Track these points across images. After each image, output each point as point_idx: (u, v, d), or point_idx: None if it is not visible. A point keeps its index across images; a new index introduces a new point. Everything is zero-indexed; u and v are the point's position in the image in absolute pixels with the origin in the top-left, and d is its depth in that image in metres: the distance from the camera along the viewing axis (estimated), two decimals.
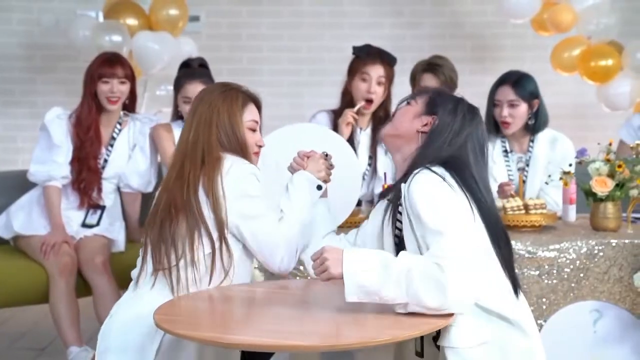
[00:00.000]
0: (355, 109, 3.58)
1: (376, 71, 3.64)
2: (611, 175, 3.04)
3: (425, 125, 2.26)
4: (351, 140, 3.62)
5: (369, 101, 3.62)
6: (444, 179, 2.11)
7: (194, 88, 3.70)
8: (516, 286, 2.16)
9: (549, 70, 4.74)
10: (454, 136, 2.23)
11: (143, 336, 2.20)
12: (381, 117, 3.79)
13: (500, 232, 2.18)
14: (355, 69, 3.67)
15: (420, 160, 2.19)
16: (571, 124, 4.94)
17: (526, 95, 3.46)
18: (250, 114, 2.49)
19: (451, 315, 2.04)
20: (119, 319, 2.32)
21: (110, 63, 3.67)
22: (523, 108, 3.47)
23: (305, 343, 1.88)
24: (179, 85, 3.75)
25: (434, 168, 2.14)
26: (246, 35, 5.22)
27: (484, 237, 2.14)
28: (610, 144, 3.09)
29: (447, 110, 2.26)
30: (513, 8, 4.64)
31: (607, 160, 3.05)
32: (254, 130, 2.50)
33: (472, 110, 2.32)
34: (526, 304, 2.21)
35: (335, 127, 3.67)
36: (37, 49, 5.14)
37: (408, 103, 2.34)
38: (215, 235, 2.27)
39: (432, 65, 3.70)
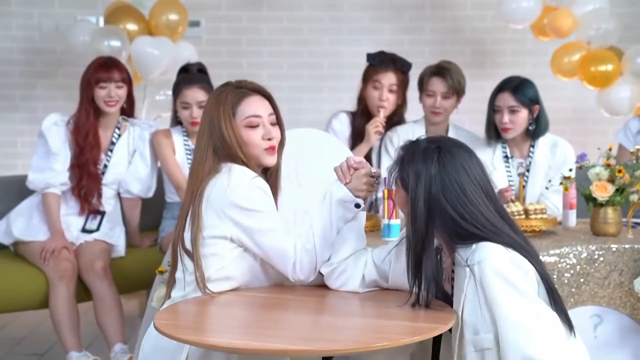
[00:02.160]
0: (382, 116, 3.66)
1: (388, 79, 3.70)
2: (611, 180, 3.04)
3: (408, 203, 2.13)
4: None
5: (382, 107, 3.70)
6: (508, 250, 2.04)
7: (193, 93, 3.71)
8: (571, 327, 2.08)
9: (548, 76, 4.74)
10: (429, 194, 2.08)
11: (172, 343, 2.19)
12: (395, 123, 3.81)
13: (547, 277, 2.10)
14: (368, 77, 3.75)
15: (446, 235, 2.10)
16: (571, 129, 4.94)
17: (526, 101, 3.46)
18: (245, 110, 2.36)
19: (451, 319, 2.04)
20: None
21: (106, 67, 3.67)
22: (523, 114, 3.47)
23: (305, 347, 1.87)
24: (177, 90, 3.76)
25: (491, 247, 2.03)
26: (246, 40, 5.22)
27: (543, 294, 2.07)
28: (610, 149, 3.09)
29: (413, 175, 2.10)
30: (513, 13, 4.64)
31: (607, 165, 3.05)
32: (254, 126, 2.36)
33: (434, 149, 2.14)
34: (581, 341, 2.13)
35: (354, 129, 3.72)
36: (37, 54, 5.14)
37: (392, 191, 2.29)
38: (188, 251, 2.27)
39: (441, 68, 3.70)
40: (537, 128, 3.51)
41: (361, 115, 3.75)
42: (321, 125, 3.98)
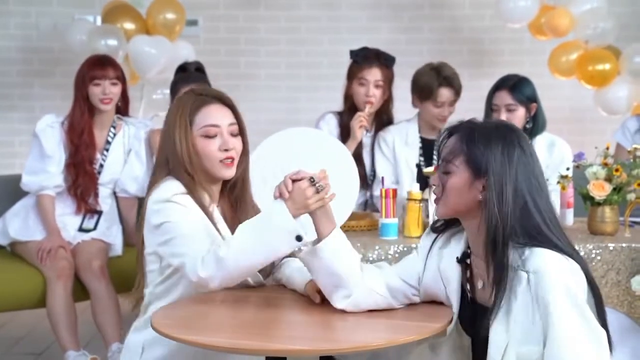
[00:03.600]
0: (366, 111, 3.62)
1: (373, 75, 3.67)
2: (609, 179, 3.04)
3: (483, 191, 1.93)
4: (359, 142, 3.65)
5: (370, 103, 3.66)
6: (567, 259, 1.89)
7: None
8: (611, 343, 1.93)
9: (546, 75, 4.74)
10: (515, 185, 1.91)
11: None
12: (384, 121, 3.81)
13: (594, 283, 1.96)
14: (353, 74, 3.72)
15: (497, 233, 1.90)
16: (568, 128, 4.95)
17: (524, 100, 3.46)
18: (203, 119, 2.23)
19: (449, 317, 2.04)
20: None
21: (100, 65, 3.66)
22: (521, 112, 3.47)
23: (302, 347, 1.87)
24: (175, 89, 3.75)
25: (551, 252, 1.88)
26: (244, 39, 5.22)
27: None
28: (607, 148, 3.09)
29: (496, 161, 1.91)
30: (511, 13, 4.65)
31: (605, 164, 3.05)
32: (211, 136, 2.24)
33: (508, 135, 1.96)
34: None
35: (343, 129, 3.70)
36: (34, 53, 5.14)
37: (446, 172, 1.98)
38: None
39: (448, 79, 3.63)
40: (534, 126, 3.51)
41: (348, 114, 3.69)
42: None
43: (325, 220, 2.12)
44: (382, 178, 3.38)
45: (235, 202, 2.33)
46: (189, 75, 3.81)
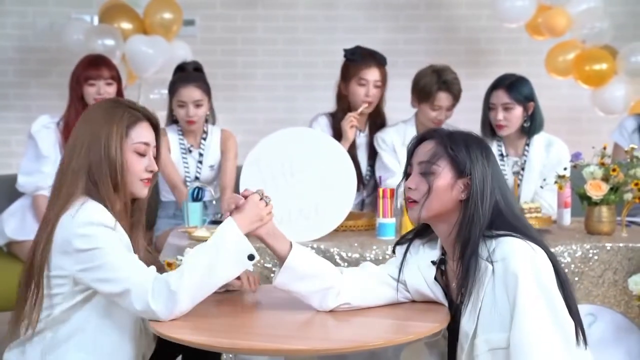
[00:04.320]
0: (359, 111, 3.61)
1: (372, 75, 3.66)
2: (606, 179, 3.05)
3: (464, 190, 2.06)
4: (352, 143, 3.64)
5: (369, 103, 3.66)
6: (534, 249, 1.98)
7: (189, 92, 3.71)
8: (582, 333, 2.02)
9: (543, 75, 4.75)
10: (491, 185, 2.05)
11: None
12: (377, 122, 3.80)
13: (560, 270, 2.04)
14: (351, 74, 3.69)
15: (473, 229, 2.02)
16: (565, 128, 4.95)
17: (521, 99, 3.47)
18: (138, 135, 2.18)
19: (447, 318, 2.04)
20: None
21: (95, 65, 3.66)
22: (518, 111, 3.47)
23: (301, 347, 1.88)
24: (173, 89, 3.75)
25: (517, 240, 1.98)
26: (241, 39, 5.22)
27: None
28: (604, 148, 3.10)
29: (478, 162, 2.06)
30: (508, 12, 4.65)
31: (602, 164, 3.06)
32: (142, 155, 2.19)
33: (482, 140, 2.14)
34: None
35: (335, 130, 3.68)
36: (31, 52, 5.13)
37: (429, 173, 2.07)
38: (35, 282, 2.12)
39: (448, 83, 3.61)
40: (532, 125, 3.51)
41: (342, 115, 3.66)
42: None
43: (280, 238, 2.14)
44: (380, 177, 3.38)
45: (136, 223, 2.26)
46: (188, 75, 3.81)
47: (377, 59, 3.70)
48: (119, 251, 2.08)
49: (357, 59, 3.68)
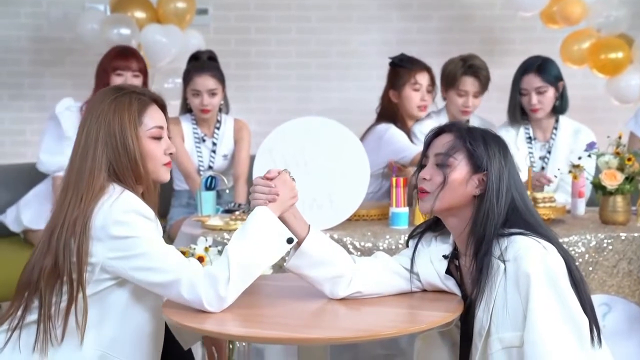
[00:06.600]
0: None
1: (425, 79, 3.70)
2: (621, 168, 3.03)
3: (479, 186, 2.05)
4: None
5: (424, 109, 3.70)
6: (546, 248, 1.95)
7: (203, 81, 3.72)
8: (597, 332, 1.99)
9: (558, 63, 4.71)
10: (508, 182, 2.04)
11: None
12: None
13: (573, 267, 2.00)
14: (404, 80, 3.68)
15: (487, 226, 2.00)
16: (580, 117, 4.88)
17: (552, 80, 3.51)
18: (151, 119, 2.11)
19: (460, 307, 2.04)
20: None
21: (124, 56, 3.68)
22: (551, 93, 3.52)
23: (314, 336, 1.88)
24: (188, 78, 3.76)
25: (533, 240, 1.96)
26: (254, 28, 5.21)
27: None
28: (619, 137, 3.08)
29: (496, 158, 2.04)
30: (522, 1, 4.62)
31: (617, 154, 3.04)
32: (159, 138, 2.13)
33: (500, 138, 2.11)
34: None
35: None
36: (45, 42, 5.14)
37: (445, 165, 2.06)
38: (74, 286, 2.00)
39: (474, 68, 3.64)
40: (562, 104, 3.56)
41: (400, 121, 3.69)
42: (329, 113, 3.97)
43: (300, 220, 2.11)
44: (394, 167, 3.38)
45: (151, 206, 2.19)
46: (202, 64, 3.81)
47: (424, 64, 3.73)
48: (160, 242, 2.05)
49: (409, 65, 3.68)
